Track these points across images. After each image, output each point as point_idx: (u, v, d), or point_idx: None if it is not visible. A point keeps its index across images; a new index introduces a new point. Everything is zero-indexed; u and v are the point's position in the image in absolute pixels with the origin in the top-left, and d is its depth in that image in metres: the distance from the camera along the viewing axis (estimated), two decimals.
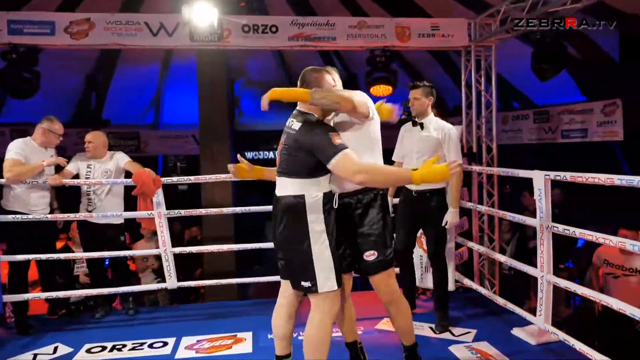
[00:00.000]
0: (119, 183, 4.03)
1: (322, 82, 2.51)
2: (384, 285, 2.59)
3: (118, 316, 4.15)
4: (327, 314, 2.40)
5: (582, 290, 3.03)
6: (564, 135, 8.28)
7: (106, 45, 4.90)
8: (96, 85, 9.62)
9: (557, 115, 8.38)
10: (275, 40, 4.97)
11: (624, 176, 2.52)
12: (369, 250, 2.53)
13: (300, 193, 2.35)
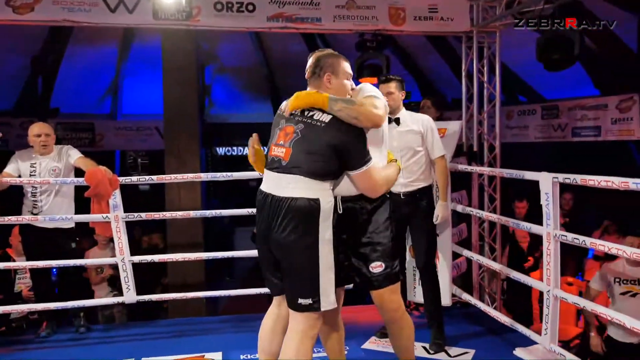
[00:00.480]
0: (69, 182, 3.98)
1: (338, 69, 2.51)
2: (388, 301, 2.59)
3: (67, 334, 4.10)
4: (308, 336, 2.38)
5: (592, 306, 3.09)
6: (574, 134, 8.41)
7: (55, 21, 4.82)
8: (43, 69, 9.45)
9: (568, 111, 8.50)
10: (252, 21, 4.95)
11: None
12: (376, 261, 2.53)
13: (315, 197, 2.31)
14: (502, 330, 3.87)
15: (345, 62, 2.55)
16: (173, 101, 6.11)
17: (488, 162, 5.45)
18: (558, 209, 3.11)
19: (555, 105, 8.80)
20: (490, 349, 3.62)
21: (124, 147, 10.87)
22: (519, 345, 3.55)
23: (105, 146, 10.58)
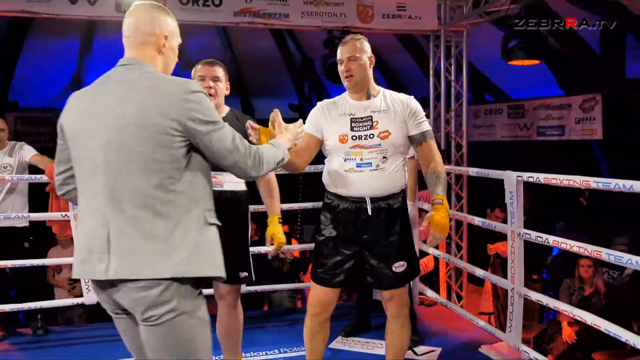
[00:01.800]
0: (26, 179, 3.86)
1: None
2: (400, 296, 2.62)
3: (23, 337, 3.97)
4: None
5: (555, 303, 3.14)
6: (540, 133, 8.59)
7: (13, 12, 4.69)
8: (1, 61, 9.23)
9: (533, 111, 8.68)
10: (218, 15, 4.90)
11: (600, 179, 2.64)
12: (399, 260, 2.53)
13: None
14: (468, 328, 3.91)
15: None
16: None
17: (455, 160, 5.52)
18: (522, 208, 3.16)
19: (521, 104, 8.97)
20: (456, 347, 3.65)
21: None
22: (484, 342, 3.59)
23: None
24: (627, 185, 2.44)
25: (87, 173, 1.72)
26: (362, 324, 3.87)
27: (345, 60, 2.49)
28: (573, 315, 2.94)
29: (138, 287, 1.62)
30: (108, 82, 1.76)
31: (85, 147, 1.71)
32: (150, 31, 1.78)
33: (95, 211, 1.68)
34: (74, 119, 1.76)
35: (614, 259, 2.57)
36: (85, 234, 1.71)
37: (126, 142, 1.65)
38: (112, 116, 1.67)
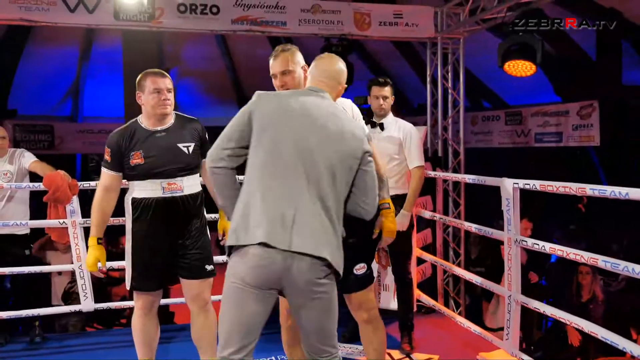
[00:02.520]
0: (25, 187, 3.86)
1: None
2: (367, 301, 2.63)
3: (20, 344, 3.97)
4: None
5: (552, 311, 3.14)
6: (537, 139, 8.60)
7: (11, 20, 4.69)
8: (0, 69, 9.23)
9: (530, 117, 8.70)
10: (216, 23, 4.92)
11: (596, 186, 2.64)
12: (360, 262, 2.56)
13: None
14: (466, 336, 3.90)
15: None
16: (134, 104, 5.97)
17: (452, 167, 5.52)
18: (519, 215, 3.16)
19: (518, 111, 8.99)
20: (453, 354, 3.64)
21: (84, 150, 10.67)
22: (482, 350, 3.58)
23: (65, 149, 10.36)
24: (622, 192, 2.45)
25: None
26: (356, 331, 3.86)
27: (279, 75, 2.46)
28: (570, 322, 2.94)
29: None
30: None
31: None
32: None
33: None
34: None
35: (610, 266, 2.58)
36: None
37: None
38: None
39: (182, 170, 2.71)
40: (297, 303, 2.02)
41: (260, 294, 1.97)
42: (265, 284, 1.96)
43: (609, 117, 7.54)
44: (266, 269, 1.94)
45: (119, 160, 2.72)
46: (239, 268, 1.97)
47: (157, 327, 2.89)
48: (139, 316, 2.82)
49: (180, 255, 2.78)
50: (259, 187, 2.01)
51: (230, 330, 2.00)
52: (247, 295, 1.97)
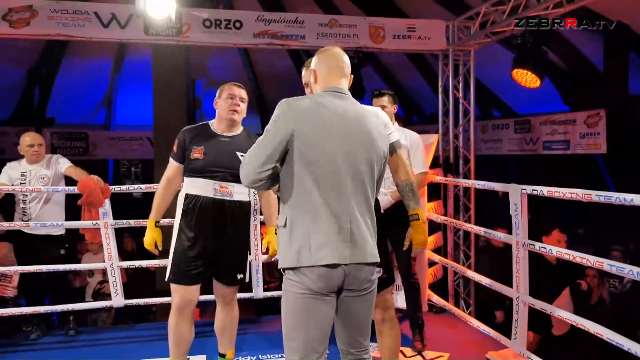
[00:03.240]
0: (60, 191, 3.92)
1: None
2: (383, 302, 2.69)
3: (56, 337, 4.02)
4: None
5: (559, 312, 3.10)
6: (545, 147, 8.50)
7: (50, 35, 4.79)
8: (40, 80, 9.41)
9: (539, 126, 8.60)
10: (239, 37, 4.96)
11: (602, 192, 2.61)
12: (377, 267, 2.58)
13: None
14: (475, 335, 3.87)
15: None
16: (162, 113, 6.08)
17: (463, 173, 5.48)
18: (527, 219, 3.13)
19: (527, 120, 8.89)
20: (463, 353, 3.61)
21: (116, 156, 10.81)
22: (490, 349, 3.55)
23: (98, 155, 10.50)
24: (627, 198, 2.41)
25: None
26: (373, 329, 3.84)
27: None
28: (577, 324, 2.89)
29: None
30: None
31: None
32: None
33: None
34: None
35: (615, 270, 2.53)
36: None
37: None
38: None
39: (234, 176, 2.68)
40: (350, 300, 2.05)
41: (328, 298, 2.00)
42: (330, 289, 1.99)
43: (615, 126, 7.44)
44: (331, 279, 1.97)
45: (183, 152, 2.79)
46: (305, 281, 1.96)
47: (190, 328, 2.85)
48: (173, 316, 2.81)
49: (217, 257, 2.80)
50: (313, 205, 1.97)
51: (310, 339, 1.99)
52: (318, 302, 1.98)
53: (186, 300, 2.80)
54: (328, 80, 2.12)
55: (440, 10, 6.75)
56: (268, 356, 3.54)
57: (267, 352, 3.57)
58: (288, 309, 2.01)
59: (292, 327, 2.00)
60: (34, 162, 3.93)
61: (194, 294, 2.81)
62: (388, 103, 3.63)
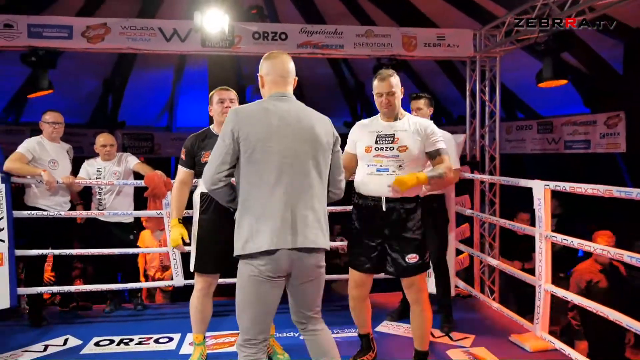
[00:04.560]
0: (130, 184, 4.04)
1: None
2: (418, 284, 2.68)
3: (127, 311, 4.16)
4: None
5: (579, 300, 2.98)
6: (567, 146, 8.21)
7: (121, 49, 4.93)
8: (113, 89, 9.71)
9: (561, 126, 8.31)
10: (284, 47, 4.98)
11: (622, 188, 2.49)
12: (412, 253, 2.62)
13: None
14: (499, 319, 3.77)
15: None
16: None
17: (489, 170, 5.35)
18: (550, 213, 3.02)
19: (549, 121, 8.61)
20: (488, 335, 3.52)
21: (177, 154, 10.99)
22: (513, 332, 3.45)
23: (162, 153, 10.76)
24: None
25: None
26: (406, 312, 3.81)
27: (385, 95, 2.65)
28: (596, 311, 2.77)
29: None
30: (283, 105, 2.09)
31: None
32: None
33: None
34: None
35: (635, 261, 2.42)
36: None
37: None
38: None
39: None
40: (300, 282, 2.08)
41: (275, 281, 2.03)
42: (278, 273, 2.02)
43: (634, 126, 7.10)
44: (277, 264, 2.00)
45: (192, 158, 2.81)
46: (255, 264, 2.01)
47: (211, 306, 2.92)
48: (197, 297, 2.85)
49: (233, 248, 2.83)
50: (258, 198, 2.00)
51: (256, 317, 2.05)
52: (266, 284, 2.01)
53: (209, 284, 2.84)
54: (273, 87, 2.12)
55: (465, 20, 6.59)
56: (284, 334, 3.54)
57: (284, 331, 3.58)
58: (240, 289, 2.07)
59: (242, 305, 2.07)
60: (107, 159, 4.06)
61: (214, 280, 2.86)
62: (424, 105, 3.58)
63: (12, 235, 3.64)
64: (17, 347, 3.30)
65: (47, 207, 3.80)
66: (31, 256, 3.78)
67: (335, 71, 9.81)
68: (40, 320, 3.77)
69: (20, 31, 4.59)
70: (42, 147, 3.81)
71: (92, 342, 3.41)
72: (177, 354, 3.26)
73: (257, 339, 2.05)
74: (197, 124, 10.49)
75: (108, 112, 10.04)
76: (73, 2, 7.22)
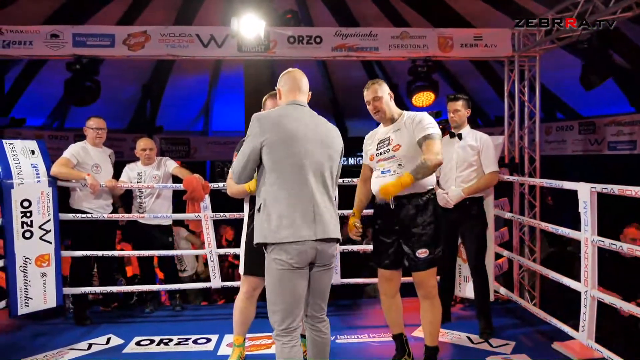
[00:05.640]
0: (169, 187, 4.13)
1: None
2: (427, 280, 2.75)
3: (166, 311, 4.25)
4: None
5: (629, 307, 2.85)
6: (610, 147, 7.88)
7: (160, 56, 5.04)
8: (151, 94, 9.96)
9: (604, 127, 8.00)
10: (319, 51, 4.99)
11: None
12: (422, 248, 2.68)
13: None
14: (541, 325, 3.65)
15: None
16: None
17: (528, 172, 5.20)
18: (596, 217, 2.90)
19: (592, 121, 8.31)
20: (529, 342, 3.42)
21: (213, 158, 11.23)
22: (556, 339, 3.33)
23: (197, 157, 10.97)
24: None
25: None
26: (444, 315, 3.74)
27: (371, 101, 2.80)
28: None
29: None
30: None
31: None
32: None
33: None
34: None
35: None
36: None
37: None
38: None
39: None
40: (318, 270, 2.28)
41: (301, 271, 2.22)
42: (304, 264, 2.21)
43: None
44: (305, 254, 2.19)
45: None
46: (283, 257, 2.18)
47: (254, 309, 2.95)
48: (242, 300, 2.89)
49: None
50: (280, 195, 2.20)
51: (287, 307, 2.21)
52: (294, 275, 2.19)
53: (254, 288, 2.88)
54: (289, 96, 2.36)
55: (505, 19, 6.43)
56: (346, 336, 3.53)
57: (345, 333, 3.57)
58: (270, 284, 2.24)
59: (273, 299, 2.22)
60: (147, 164, 4.16)
61: (261, 283, 2.87)
62: (462, 107, 3.55)
63: (59, 237, 3.79)
64: (63, 345, 3.43)
65: (91, 209, 3.93)
66: (76, 257, 3.92)
67: (369, 73, 9.76)
68: (84, 320, 3.90)
69: (66, 41, 4.76)
70: (85, 152, 3.94)
71: (133, 342, 3.50)
72: (215, 354, 3.31)
73: (290, 327, 2.21)
74: (233, 127, 10.69)
75: (147, 117, 10.30)
76: (113, 12, 7.46)
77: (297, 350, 2.20)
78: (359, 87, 2.84)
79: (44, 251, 3.72)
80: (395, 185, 2.58)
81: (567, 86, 7.62)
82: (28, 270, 3.64)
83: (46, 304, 3.74)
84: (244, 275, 2.87)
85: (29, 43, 4.70)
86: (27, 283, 3.64)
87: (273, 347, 3.35)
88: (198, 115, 11.31)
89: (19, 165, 3.67)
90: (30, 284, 3.65)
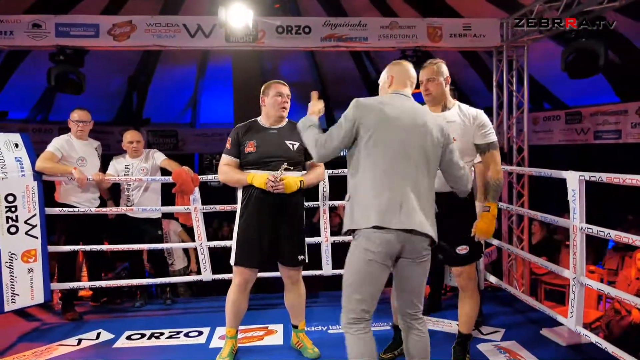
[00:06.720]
0: (158, 180, 4.07)
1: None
2: (466, 273, 2.73)
3: (156, 305, 4.21)
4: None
5: (616, 292, 2.89)
6: (596, 137, 7.98)
7: (147, 46, 4.97)
8: (137, 86, 9.82)
9: (590, 117, 8.08)
10: (308, 41, 4.95)
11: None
12: (463, 244, 2.67)
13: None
14: (530, 312, 3.70)
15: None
16: (241, 112, 6.17)
17: (517, 162, 5.24)
18: (584, 205, 2.93)
19: (578, 111, 8.39)
20: (518, 329, 3.46)
21: (201, 150, 11.15)
22: (545, 326, 3.38)
23: (185, 150, 10.88)
24: None
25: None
26: (434, 304, 3.78)
27: (425, 81, 2.66)
28: (635, 304, 2.69)
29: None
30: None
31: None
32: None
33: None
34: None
35: None
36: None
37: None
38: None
39: (286, 163, 2.75)
40: (407, 265, 2.20)
41: (384, 263, 2.15)
42: (388, 255, 2.15)
43: None
44: (389, 245, 2.12)
45: (237, 148, 2.83)
46: (369, 246, 2.12)
47: (247, 301, 2.94)
48: (234, 292, 2.86)
49: (277, 242, 2.82)
50: (370, 181, 2.16)
51: (365, 297, 2.15)
52: (376, 265, 2.13)
53: (246, 280, 2.85)
54: (396, 86, 2.35)
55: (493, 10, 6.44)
56: (337, 327, 3.54)
57: (337, 324, 3.58)
58: (351, 272, 2.18)
59: (353, 285, 2.16)
60: (134, 156, 4.10)
61: (253, 275, 2.86)
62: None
63: (45, 232, 3.73)
64: (52, 341, 3.38)
65: (78, 203, 3.87)
66: (63, 252, 3.86)
67: (358, 64, 9.73)
68: (73, 315, 3.85)
69: (48, 31, 4.66)
70: (70, 145, 3.87)
71: (124, 336, 3.47)
72: (207, 347, 3.29)
73: (364, 317, 2.16)
74: (221, 119, 10.60)
75: (133, 109, 10.17)
76: (98, 1, 7.32)
77: (370, 339, 2.14)
78: (347, 78, 2.80)
79: (30, 246, 3.65)
80: (490, 223, 2.56)
81: (553, 76, 7.67)
82: (14, 266, 3.58)
83: (33, 300, 3.68)
84: (235, 266, 2.84)
85: (10, 33, 4.60)
86: (13, 279, 3.57)
87: (265, 339, 3.36)
88: (185, 107, 11.20)
89: (2, 159, 3.58)
90: (16, 280, 3.58)
